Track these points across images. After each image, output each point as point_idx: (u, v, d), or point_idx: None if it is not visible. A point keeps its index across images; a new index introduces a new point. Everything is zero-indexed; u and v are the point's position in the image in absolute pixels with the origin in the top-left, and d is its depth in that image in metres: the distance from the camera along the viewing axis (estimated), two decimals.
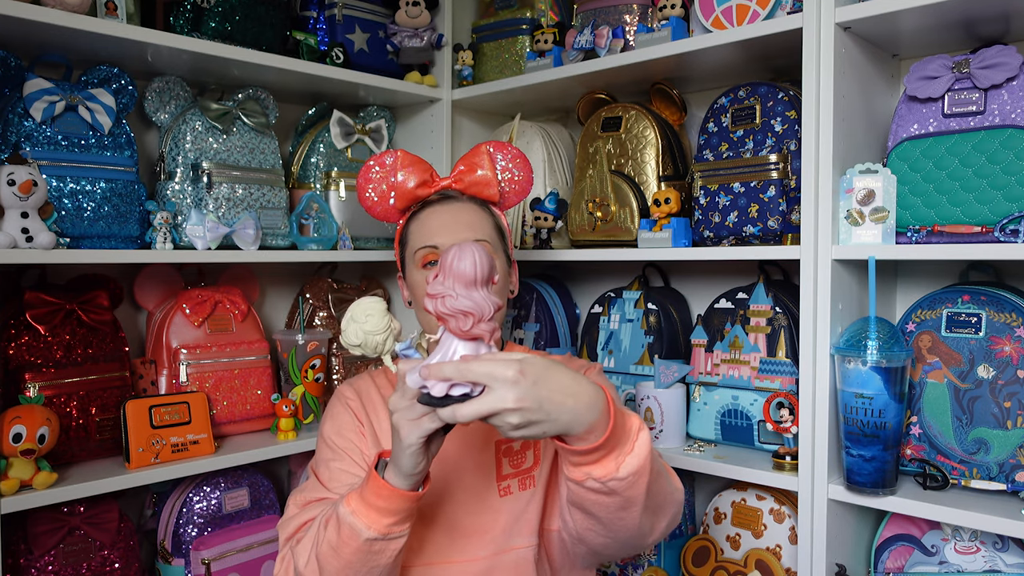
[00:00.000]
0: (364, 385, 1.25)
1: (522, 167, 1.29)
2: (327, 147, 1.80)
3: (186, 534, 1.54)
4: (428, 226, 1.19)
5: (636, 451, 0.86)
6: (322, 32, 1.81)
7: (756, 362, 1.51)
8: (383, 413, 1.20)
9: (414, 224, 1.21)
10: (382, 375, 1.27)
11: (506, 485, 1.16)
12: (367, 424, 1.19)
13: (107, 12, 1.40)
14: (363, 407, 1.21)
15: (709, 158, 1.53)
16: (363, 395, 1.23)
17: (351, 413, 1.20)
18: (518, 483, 1.16)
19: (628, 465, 0.85)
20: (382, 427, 1.19)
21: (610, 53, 1.64)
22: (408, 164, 1.20)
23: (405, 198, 1.20)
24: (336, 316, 1.85)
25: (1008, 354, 1.24)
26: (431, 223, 1.19)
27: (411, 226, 1.21)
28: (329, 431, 1.19)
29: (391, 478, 0.93)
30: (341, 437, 1.17)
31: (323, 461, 1.16)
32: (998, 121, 1.23)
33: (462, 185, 1.22)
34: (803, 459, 1.35)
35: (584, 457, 0.85)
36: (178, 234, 1.52)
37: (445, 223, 1.18)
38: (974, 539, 1.29)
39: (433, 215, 1.20)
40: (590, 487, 0.87)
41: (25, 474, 1.28)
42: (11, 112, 1.36)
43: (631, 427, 0.88)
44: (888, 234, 1.30)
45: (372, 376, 1.27)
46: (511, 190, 1.28)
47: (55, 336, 1.43)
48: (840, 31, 1.32)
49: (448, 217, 1.19)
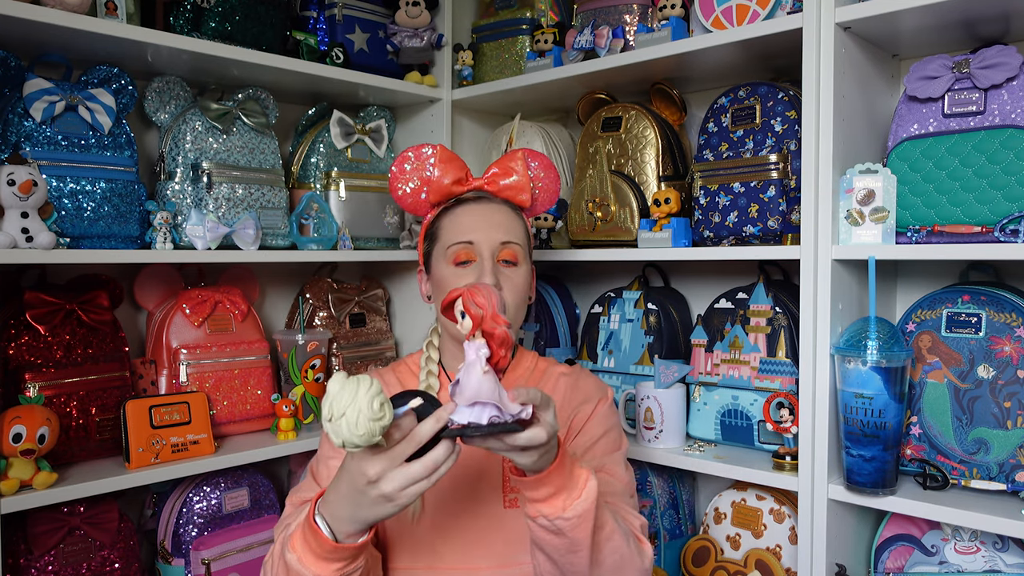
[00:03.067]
0: (383, 378, 1.23)
1: (553, 178, 1.30)
2: (327, 147, 1.80)
3: (186, 534, 1.54)
4: (462, 223, 1.17)
5: (584, 497, 0.95)
6: (322, 32, 1.81)
7: (756, 362, 1.51)
8: None
9: (447, 219, 1.19)
10: (404, 366, 1.26)
11: (512, 498, 1.14)
12: None
13: (107, 12, 1.40)
14: None
15: (709, 158, 1.53)
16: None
17: None
18: None
19: (575, 508, 0.94)
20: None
21: (610, 53, 1.64)
22: (445, 160, 1.20)
23: (439, 193, 1.20)
24: (336, 316, 1.85)
25: (1008, 354, 1.24)
26: (465, 220, 1.17)
27: (442, 221, 1.19)
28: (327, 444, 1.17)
29: (340, 527, 0.92)
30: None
31: (323, 458, 1.15)
32: (998, 121, 1.23)
33: (495, 188, 1.21)
34: (803, 459, 1.35)
35: (536, 492, 0.94)
36: (178, 234, 1.52)
37: (479, 221, 1.16)
38: (974, 539, 1.29)
39: (468, 212, 1.18)
40: (541, 524, 0.95)
41: (25, 474, 1.28)
42: (11, 112, 1.36)
43: (579, 476, 0.96)
44: (888, 234, 1.30)
45: (394, 369, 1.26)
46: (540, 198, 1.29)
47: (55, 336, 1.43)
48: (840, 31, 1.32)
49: (482, 216, 1.17)
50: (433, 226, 1.21)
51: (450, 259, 1.15)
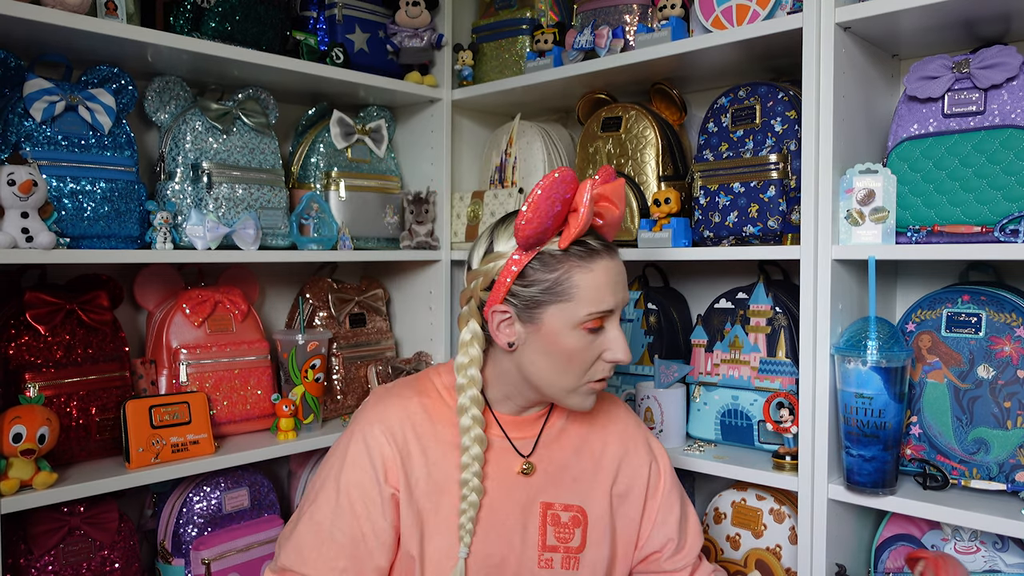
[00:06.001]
0: (408, 412, 1.09)
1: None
2: (327, 147, 1.80)
3: (186, 534, 1.54)
4: (603, 284, 1.03)
5: None
6: (322, 32, 1.81)
7: (756, 362, 1.51)
8: (434, 446, 1.07)
9: (582, 276, 1.02)
10: (433, 389, 1.12)
11: (548, 557, 1.09)
12: (401, 474, 1.05)
13: (107, 12, 1.40)
14: (399, 452, 1.05)
15: (709, 158, 1.53)
16: (405, 431, 1.07)
17: (375, 472, 1.05)
18: (561, 560, 1.10)
19: None
20: (431, 466, 1.06)
21: (610, 53, 1.64)
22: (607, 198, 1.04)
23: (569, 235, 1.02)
24: (336, 316, 1.85)
25: (1008, 354, 1.24)
26: (605, 280, 1.03)
27: (576, 277, 1.02)
28: (346, 482, 1.05)
29: None
30: (353, 507, 1.04)
31: (323, 516, 1.04)
32: (998, 121, 1.23)
33: (608, 229, 1.08)
34: (803, 459, 1.35)
35: None
36: (178, 234, 1.52)
37: (618, 282, 1.05)
38: (974, 539, 1.29)
39: (606, 270, 1.04)
40: None
41: (25, 474, 1.28)
42: (11, 112, 1.36)
43: None
44: (888, 234, 1.30)
45: (419, 392, 1.12)
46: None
47: (55, 336, 1.43)
48: (840, 31, 1.32)
49: (619, 273, 1.06)
50: (561, 281, 1.02)
51: (585, 325, 1.03)
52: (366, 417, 1.09)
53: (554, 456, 1.15)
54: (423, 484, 1.06)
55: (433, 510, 1.06)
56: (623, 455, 1.19)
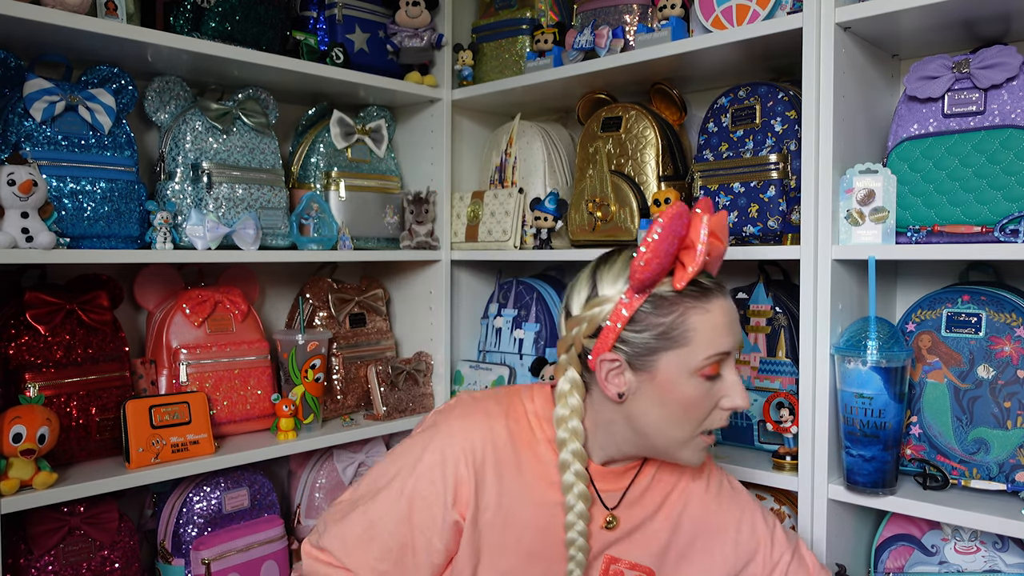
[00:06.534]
0: (493, 433, 1.02)
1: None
2: (327, 147, 1.80)
3: (186, 534, 1.54)
4: (720, 325, 0.97)
5: None
6: (322, 32, 1.81)
7: (756, 362, 1.51)
8: (511, 474, 1.01)
9: (699, 318, 0.96)
10: (523, 413, 1.05)
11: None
12: (472, 499, 0.99)
13: (107, 12, 1.40)
14: (475, 476, 0.99)
15: (709, 158, 1.53)
16: (485, 453, 1.00)
17: (445, 492, 0.99)
18: None
19: None
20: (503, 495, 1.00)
21: (610, 53, 1.64)
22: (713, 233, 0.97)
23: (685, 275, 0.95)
24: (336, 316, 1.85)
25: (1008, 354, 1.24)
26: (722, 320, 0.97)
27: (692, 320, 0.95)
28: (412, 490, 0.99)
29: None
30: (412, 517, 0.99)
31: (378, 516, 1.00)
32: (998, 121, 1.23)
33: (714, 265, 1.03)
34: (803, 459, 1.35)
35: None
36: (178, 234, 1.52)
37: (733, 320, 0.99)
38: (974, 539, 1.29)
39: (723, 311, 0.98)
40: None
41: (25, 474, 1.28)
42: (11, 112, 1.36)
43: None
44: (888, 234, 1.30)
45: (507, 414, 1.04)
46: None
47: (55, 336, 1.43)
48: (840, 31, 1.32)
49: (733, 312, 1.00)
50: (677, 325, 0.95)
51: (704, 371, 0.96)
52: (450, 428, 1.03)
53: (635, 513, 1.08)
54: (491, 513, 1.01)
55: (496, 542, 1.02)
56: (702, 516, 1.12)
